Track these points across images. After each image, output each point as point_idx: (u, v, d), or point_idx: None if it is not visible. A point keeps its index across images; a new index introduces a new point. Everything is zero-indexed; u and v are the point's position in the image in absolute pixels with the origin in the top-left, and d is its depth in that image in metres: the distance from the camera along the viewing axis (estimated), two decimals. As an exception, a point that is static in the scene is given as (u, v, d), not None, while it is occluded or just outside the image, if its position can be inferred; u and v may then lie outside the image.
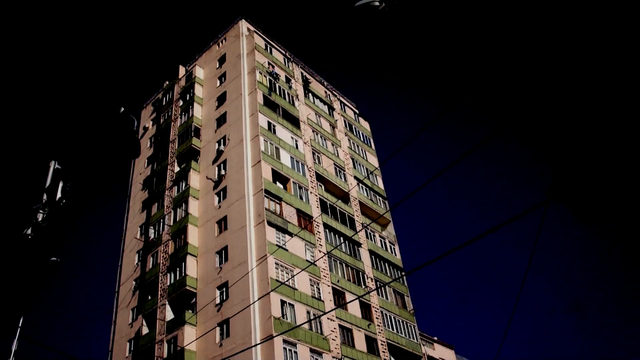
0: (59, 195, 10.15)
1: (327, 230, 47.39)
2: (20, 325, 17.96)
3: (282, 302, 38.28)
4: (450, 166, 11.01)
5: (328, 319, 40.93)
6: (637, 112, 3.66)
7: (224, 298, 40.28)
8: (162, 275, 45.34)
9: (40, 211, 9.86)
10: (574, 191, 3.88)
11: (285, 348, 36.21)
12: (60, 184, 10.19)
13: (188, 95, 57.05)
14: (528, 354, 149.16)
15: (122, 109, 8.75)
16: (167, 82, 62.29)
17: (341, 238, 48.13)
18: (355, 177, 56.44)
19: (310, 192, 48.37)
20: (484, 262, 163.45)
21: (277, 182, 46.08)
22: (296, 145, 50.89)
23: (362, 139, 64.06)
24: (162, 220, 49.14)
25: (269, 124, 49.38)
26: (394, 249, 55.27)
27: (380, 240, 54.05)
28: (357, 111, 67.87)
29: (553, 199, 3.98)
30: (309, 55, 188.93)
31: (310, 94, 59.35)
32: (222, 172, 47.47)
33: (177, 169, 51.77)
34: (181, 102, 57.42)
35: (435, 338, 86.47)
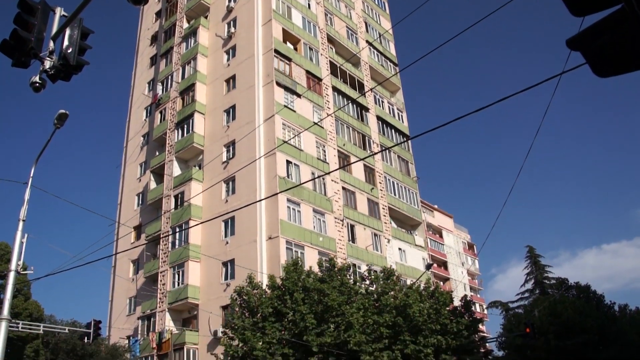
0: (66, 43, 9.99)
1: (335, 94, 47.12)
2: (31, 175, 18.35)
3: (288, 162, 38.87)
4: (462, 32, 10.79)
5: (332, 180, 41.69)
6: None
7: (231, 156, 40.90)
8: (170, 132, 45.75)
9: (48, 59, 9.76)
10: (595, 40, 3.81)
11: (289, 207, 37.21)
12: (67, 31, 10.00)
13: (197, -53, 54.65)
14: (523, 229, 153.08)
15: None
16: None
17: (350, 102, 47.93)
18: (367, 41, 55.25)
19: (321, 54, 47.63)
20: (491, 135, 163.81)
21: (288, 43, 45.27)
22: (308, 5, 49.41)
23: (376, 2, 62.00)
24: (170, 77, 48.81)
25: (281, -19, 47.71)
26: (402, 116, 55.21)
27: (389, 107, 53.88)
28: (372, -28, 65.26)
29: (573, 47, 3.91)
30: None
31: (324, -49, 56.83)
32: (232, 29, 46.50)
33: (185, 25, 50.65)
34: (190, -45, 55.13)
35: (436, 206, 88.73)
